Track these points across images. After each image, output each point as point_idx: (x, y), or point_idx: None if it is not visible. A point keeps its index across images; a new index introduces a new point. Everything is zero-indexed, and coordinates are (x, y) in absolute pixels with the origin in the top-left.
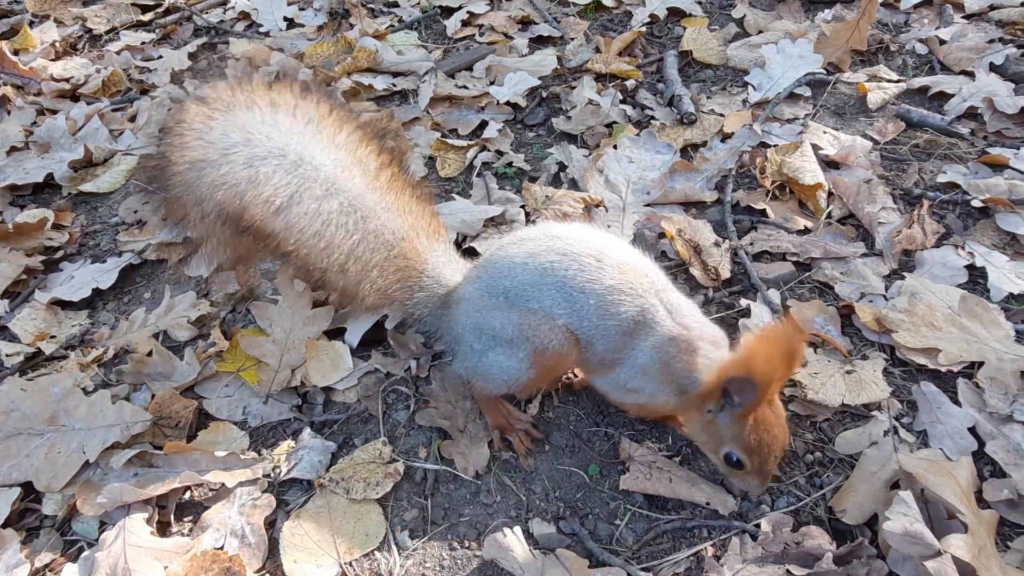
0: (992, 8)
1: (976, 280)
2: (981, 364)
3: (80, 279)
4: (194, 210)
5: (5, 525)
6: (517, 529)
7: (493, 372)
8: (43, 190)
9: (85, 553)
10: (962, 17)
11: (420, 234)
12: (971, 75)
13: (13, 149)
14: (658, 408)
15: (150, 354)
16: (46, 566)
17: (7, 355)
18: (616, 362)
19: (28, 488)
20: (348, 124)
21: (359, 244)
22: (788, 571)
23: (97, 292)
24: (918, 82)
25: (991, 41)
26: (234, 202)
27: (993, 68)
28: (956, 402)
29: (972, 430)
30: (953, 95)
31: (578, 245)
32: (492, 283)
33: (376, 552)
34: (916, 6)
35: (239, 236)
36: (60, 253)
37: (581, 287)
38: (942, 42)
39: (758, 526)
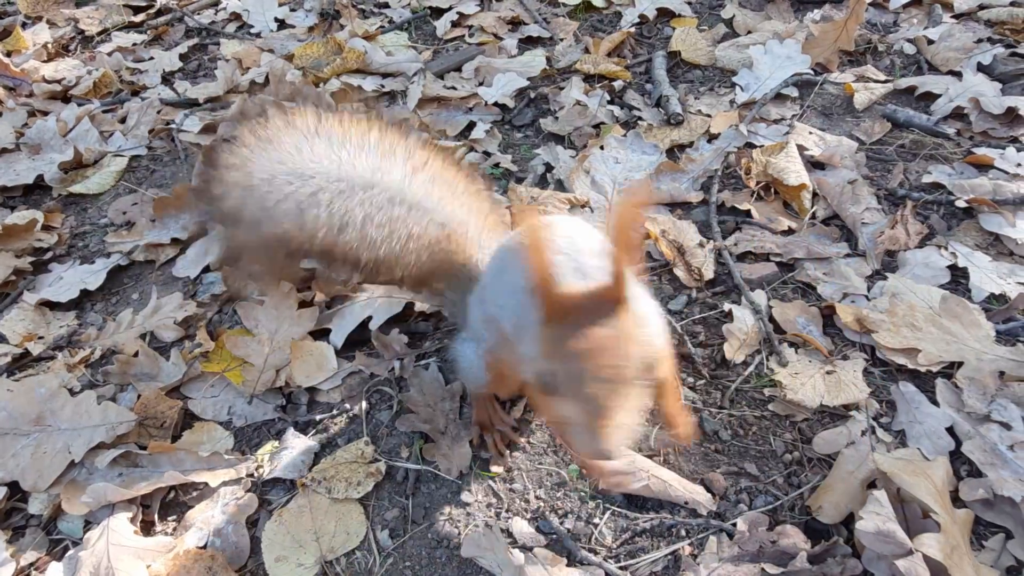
0: (981, 8)
1: (958, 280)
2: (960, 364)
3: (68, 280)
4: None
5: None
6: (496, 528)
7: (463, 365)
8: (33, 191)
9: (70, 552)
10: (951, 17)
11: (469, 227)
12: (958, 75)
13: (4, 151)
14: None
15: (136, 355)
16: (31, 564)
17: None
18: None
19: (14, 488)
20: (374, 127)
21: (414, 236)
22: (763, 569)
23: (85, 293)
24: (905, 82)
25: (979, 41)
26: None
27: (981, 68)
28: (934, 402)
29: (950, 430)
30: (940, 95)
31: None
32: (491, 271)
33: (357, 551)
34: (905, 6)
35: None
36: (49, 254)
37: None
38: (930, 42)
39: (735, 525)
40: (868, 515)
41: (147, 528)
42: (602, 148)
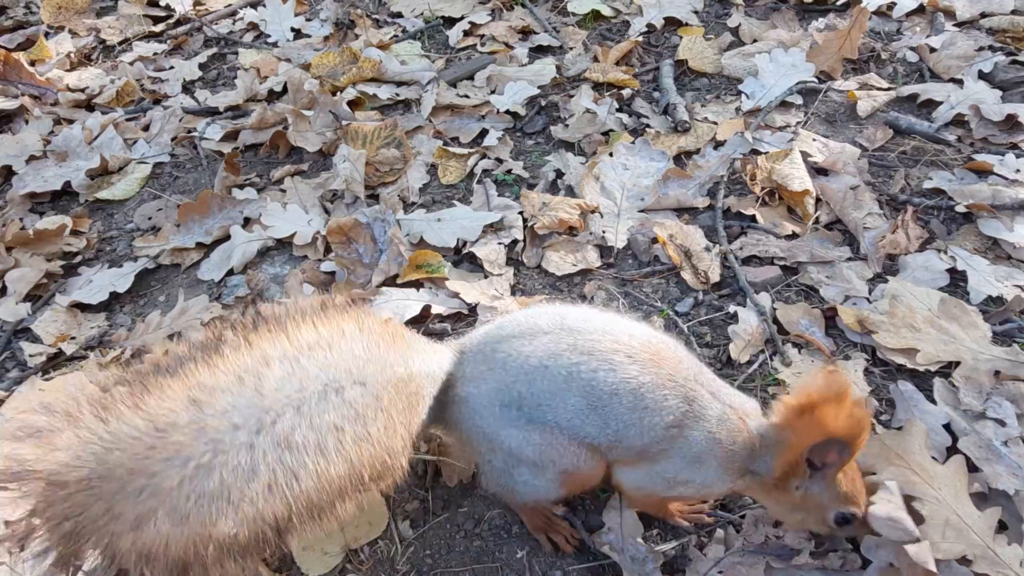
0: (983, 16)
1: (957, 283)
2: (958, 364)
3: (98, 283)
4: None
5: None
6: None
7: (521, 490)
8: (61, 197)
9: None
10: (953, 25)
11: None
12: (960, 83)
13: (32, 158)
14: (713, 494)
15: (165, 354)
16: None
17: (30, 355)
18: (660, 454)
19: None
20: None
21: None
22: (767, 563)
23: (114, 295)
24: (907, 90)
25: (980, 49)
26: None
27: (982, 75)
28: (932, 400)
29: (947, 427)
30: (941, 102)
31: (604, 340)
32: (503, 390)
33: (379, 540)
34: (908, 14)
35: None
36: (79, 258)
37: (614, 389)
38: (932, 50)
39: (742, 519)
40: (880, 501)
41: None
42: (611, 155)
